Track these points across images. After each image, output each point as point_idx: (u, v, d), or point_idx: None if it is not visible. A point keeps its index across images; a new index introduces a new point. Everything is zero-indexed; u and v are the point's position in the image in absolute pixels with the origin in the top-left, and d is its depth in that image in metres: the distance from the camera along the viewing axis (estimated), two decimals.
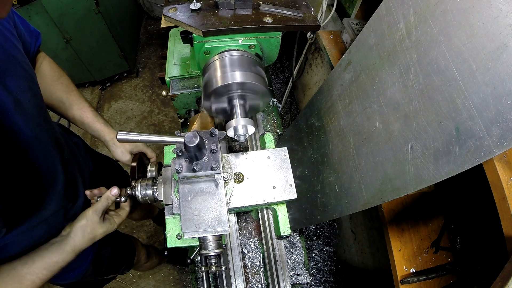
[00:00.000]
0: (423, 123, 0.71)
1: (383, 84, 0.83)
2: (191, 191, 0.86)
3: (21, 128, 0.77)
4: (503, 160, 0.78)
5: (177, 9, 0.94)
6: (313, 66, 2.40)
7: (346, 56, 1.01)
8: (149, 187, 0.96)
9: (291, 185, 0.96)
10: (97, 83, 3.37)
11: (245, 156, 0.98)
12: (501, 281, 0.63)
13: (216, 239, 0.85)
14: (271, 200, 0.94)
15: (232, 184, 0.95)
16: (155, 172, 1.03)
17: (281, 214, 1.02)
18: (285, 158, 1.00)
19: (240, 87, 0.91)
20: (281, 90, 3.06)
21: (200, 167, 0.78)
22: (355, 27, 1.68)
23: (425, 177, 0.70)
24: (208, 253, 0.84)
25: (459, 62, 0.62)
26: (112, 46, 2.98)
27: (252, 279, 1.23)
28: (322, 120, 1.19)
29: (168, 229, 0.93)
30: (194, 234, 0.82)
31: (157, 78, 3.43)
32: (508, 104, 0.53)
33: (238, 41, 0.95)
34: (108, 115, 3.24)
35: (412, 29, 0.73)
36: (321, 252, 2.32)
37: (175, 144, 0.77)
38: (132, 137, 0.71)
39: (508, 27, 0.53)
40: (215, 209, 0.84)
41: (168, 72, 1.46)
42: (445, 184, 0.93)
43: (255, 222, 1.34)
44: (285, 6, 0.97)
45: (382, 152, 0.85)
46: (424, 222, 1.27)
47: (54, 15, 2.53)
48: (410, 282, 1.13)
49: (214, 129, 0.83)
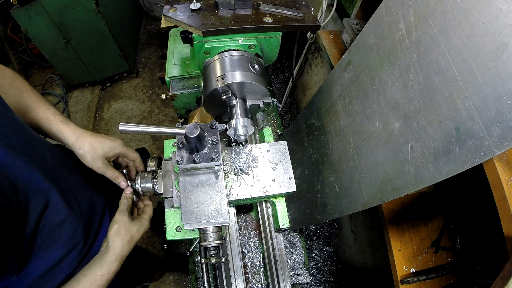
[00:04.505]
0: (423, 123, 0.71)
1: (383, 84, 0.83)
2: (191, 183, 0.87)
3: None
4: (503, 160, 0.78)
5: (177, 9, 0.94)
6: (313, 66, 2.40)
7: (346, 56, 1.01)
8: (149, 180, 0.97)
9: (290, 178, 0.96)
10: (97, 83, 3.37)
11: (245, 149, 0.98)
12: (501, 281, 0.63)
13: (216, 230, 0.86)
14: (271, 193, 0.95)
15: (232, 177, 0.96)
16: (155, 166, 1.04)
17: (280, 207, 1.03)
18: (284, 151, 1.00)
19: (240, 87, 0.91)
20: (281, 90, 3.06)
21: (201, 159, 0.79)
22: (355, 27, 1.68)
23: (425, 177, 0.70)
24: (208, 244, 0.85)
25: (459, 62, 0.62)
26: (112, 46, 2.98)
27: (252, 279, 1.23)
28: (322, 120, 1.19)
29: (168, 222, 0.94)
30: (194, 226, 0.83)
31: (157, 78, 3.43)
32: (508, 104, 0.53)
33: (238, 41, 0.95)
34: (108, 115, 3.24)
35: (412, 29, 0.73)
36: (321, 252, 2.32)
37: (176, 135, 0.78)
38: (133, 129, 0.72)
39: (508, 27, 0.53)
40: (215, 201, 0.85)
41: (168, 72, 1.46)
42: (445, 184, 0.93)
43: (255, 222, 1.34)
44: (285, 6, 0.97)
45: (382, 152, 0.85)
46: (424, 222, 1.27)
47: (54, 15, 2.54)
48: (410, 282, 1.13)
49: (215, 121, 0.84)
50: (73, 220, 0.88)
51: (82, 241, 0.92)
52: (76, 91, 3.36)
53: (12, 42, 3.25)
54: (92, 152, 0.91)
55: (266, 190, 0.95)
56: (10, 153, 0.69)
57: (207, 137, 0.82)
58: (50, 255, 0.82)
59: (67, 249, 0.87)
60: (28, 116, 0.90)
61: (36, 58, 3.33)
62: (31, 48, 3.24)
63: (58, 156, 0.91)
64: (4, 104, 0.77)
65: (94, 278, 0.81)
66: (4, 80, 0.91)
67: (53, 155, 0.88)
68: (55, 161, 0.87)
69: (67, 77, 3.17)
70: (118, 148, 0.96)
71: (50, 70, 3.42)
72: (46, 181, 0.78)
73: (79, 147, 0.90)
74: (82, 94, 3.35)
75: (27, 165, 0.73)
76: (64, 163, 0.93)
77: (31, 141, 0.80)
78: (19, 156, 0.72)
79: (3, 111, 0.75)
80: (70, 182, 0.91)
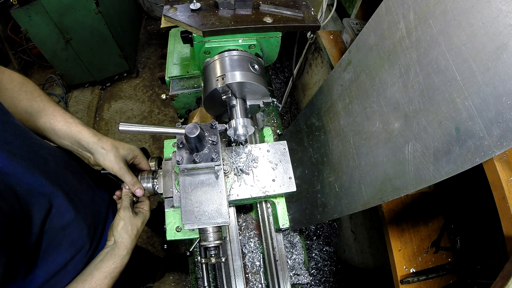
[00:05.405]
0: (423, 123, 0.71)
1: (383, 84, 0.83)
2: (191, 183, 0.87)
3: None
4: (503, 160, 0.78)
5: (177, 9, 0.94)
6: (313, 66, 2.40)
7: (346, 56, 1.01)
8: (149, 180, 0.97)
9: (290, 178, 0.96)
10: (97, 83, 3.37)
11: (245, 149, 0.98)
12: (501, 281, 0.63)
13: (216, 230, 0.87)
14: (271, 193, 0.95)
15: (232, 177, 0.96)
16: (155, 166, 1.04)
17: (280, 207, 1.03)
18: (284, 151, 1.00)
19: (240, 87, 0.91)
20: (281, 90, 3.06)
21: (201, 159, 0.79)
22: (355, 27, 1.68)
23: (425, 177, 0.70)
24: (208, 244, 0.85)
25: (459, 62, 0.62)
26: (112, 46, 2.98)
27: (252, 279, 1.23)
28: (322, 120, 1.19)
29: (168, 222, 0.94)
30: (194, 226, 0.83)
31: (157, 78, 3.43)
32: (508, 104, 0.53)
33: (238, 41, 0.95)
34: (108, 115, 3.24)
35: (412, 29, 0.73)
36: (321, 252, 2.32)
37: (176, 135, 0.78)
38: (133, 129, 0.72)
39: (508, 27, 0.53)
40: (215, 201, 0.85)
41: (168, 72, 1.46)
42: (445, 184, 0.93)
43: (255, 222, 1.34)
44: (285, 6, 0.97)
45: (382, 152, 0.85)
46: (424, 222, 1.27)
47: (54, 15, 2.54)
48: (410, 282, 1.13)
49: (215, 122, 0.84)
50: (78, 223, 0.88)
51: (88, 243, 0.92)
52: (76, 91, 3.36)
53: (12, 42, 3.25)
54: (115, 151, 0.92)
55: (266, 190, 0.95)
56: (11, 159, 0.69)
57: (207, 137, 0.82)
58: (55, 259, 0.82)
59: (73, 252, 0.87)
60: (41, 120, 0.91)
61: (36, 58, 3.33)
62: (31, 48, 3.24)
63: (61, 159, 0.91)
64: (4, 110, 0.77)
65: (108, 270, 0.82)
66: (13, 84, 0.91)
67: (55, 158, 0.87)
68: (58, 164, 0.87)
69: (67, 77, 3.17)
70: (136, 151, 0.99)
71: (50, 70, 3.42)
72: (50, 185, 0.78)
73: (102, 147, 0.91)
74: (82, 94, 3.35)
75: (29, 170, 0.73)
76: (67, 166, 0.93)
77: (33, 146, 0.80)
78: (21, 161, 0.71)
79: (2, 117, 0.74)
80: (74, 185, 0.91)
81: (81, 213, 0.89)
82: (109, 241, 0.88)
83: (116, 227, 0.88)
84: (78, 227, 0.88)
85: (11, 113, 0.79)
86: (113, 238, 0.88)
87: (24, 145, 0.76)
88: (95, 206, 1.01)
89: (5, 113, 0.77)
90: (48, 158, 0.84)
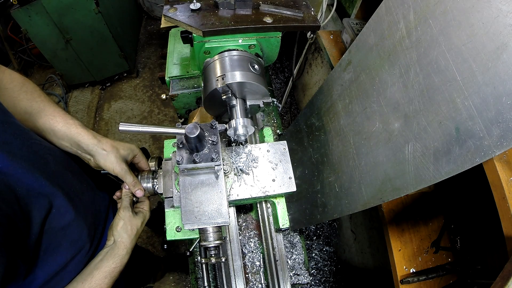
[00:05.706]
0: (423, 123, 0.71)
1: (383, 84, 0.83)
2: (191, 183, 0.87)
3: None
4: (503, 160, 0.78)
5: (177, 9, 0.94)
6: (313, 66, 2.40)
7: (346, 56, 1.01)
8: (149, 180, 0.97)
9: (290, 178, 0.96)
10: (97, 83, 3.37)
11: (245, 149, 0.98)
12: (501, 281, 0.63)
13: (216, 230, 0.87)
14: (271, 193, 0.95)
15: (232, 177, 0.96)
16: (155, 166, 1.04)
17: (280, 207, 1.03)
18: (284, 151, 1.00)
19: (240, 87, 0.91)
20: (281, 90, 3.06)
21: (201, 159, 0.79)
22: (355, 27, 1.68)
23: (425, 177, 0.70)
24: (208, 244, 0.85)
25: (459, 62, 0.62)
26: (112, 46, 2.98)
27: (252, 279, 1.23)
28: (322, 120, 1.19)
29: (168, 222, 0.94)
30: (194, 226, 0.83)
31: (157, 78, 3.43)
32: (508, 104, 0.53)
33: (238, 41, 0.95)
34: (108, 115, 3.24)
35: (412, 29, 0.73)
36: (321, 252, 2.32)
37: (176, 135, 0.78)
38: (133, 129, 0.72)
39: (508, 27, 0.53)
40: (215, 201, 0.85)
41: (168, 72, 1.46)
42: (445, 184, 0.93)
43: (255, 222, 1.34)
44: (285, 6, 0.97)
45: (382, 152, 0.85)
46: (424, 222, 1.27)
47: (54, 15, 2.54)
48: (410, 282, 1.13)
49: (215, 121, 0.84)
50: (78, 223, 0.88)
51: (88, 244, 0.92)
52: (76, 91, 3.36)
53: (12, 42, 3.25)
54: (116, 152, 0.92)
55: (266, 190, 0.95)
56: (10, 159, 0.69)
57: (207, 137, 0.82)
58: (55, 259, 0.82)
59: (73, 252, 0.87)
60: (41, 120, 0.90)
61: (36, 58, 3.33)
62: (31, 48, 3.24)
63: (61, 159, 0.91)
64: (4, 110, 0.76)
65: (107, 270, 0.82)
66: (13, 84, 0.91)
67: (55, 158, 0.87)
68: (58, 164, 0.87)
69: (67, 77, 3.17)
70: (135, 150, 0.99)
71: (50, 70, 3.42)
72: (50, 185, 0.77)
73: (103, 148, 0.91)
74: (82, 94, 3.35)
75: (29, 170, 0.73)
76: (67, 166, 0.93)
77: (33, 146, 0.80)
78: (20, 161, 0.71)
79: (2, 117, 0.74)
80: (74, 185, 0.91)
81: (81, 213, 0.89)
82: (109, 241, 0.88)
83: (115, 227, 0.88)
84: (78, 228, 0.88)
85: (11, 113, 0.79)
86: (113, 237, 0.88)
87: (24, 145, 0.76)
88: (95, 206, 1.01)
89: (5, 113, 0.77)
90: (48, 158, 0.83)
